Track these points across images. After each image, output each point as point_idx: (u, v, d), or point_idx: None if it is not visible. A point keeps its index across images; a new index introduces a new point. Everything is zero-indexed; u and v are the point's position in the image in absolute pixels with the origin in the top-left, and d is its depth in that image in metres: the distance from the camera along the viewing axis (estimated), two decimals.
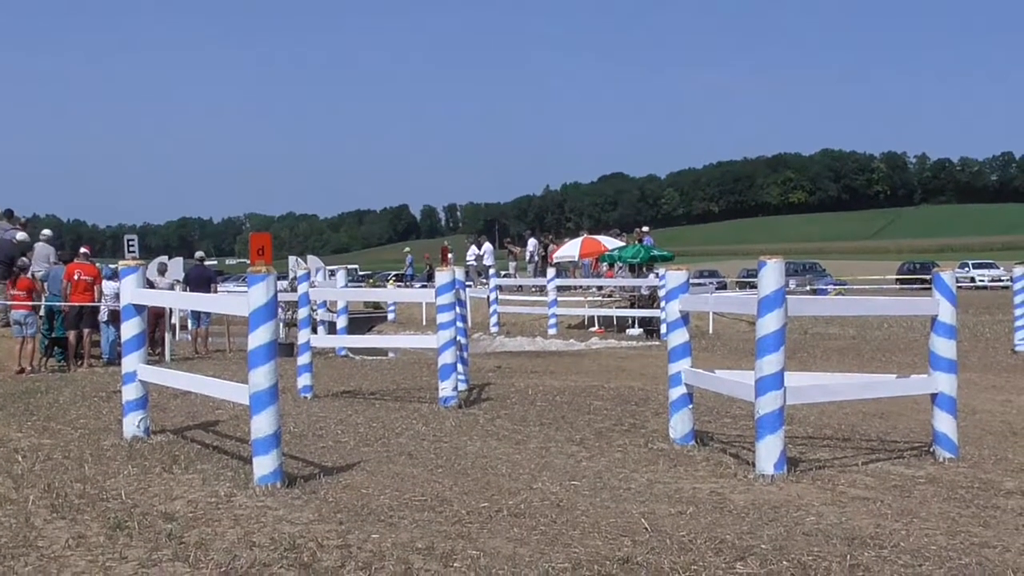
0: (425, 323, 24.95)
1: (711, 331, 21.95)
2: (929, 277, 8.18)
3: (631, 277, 27.01)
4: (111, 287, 15.99)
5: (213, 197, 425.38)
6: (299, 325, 12.50)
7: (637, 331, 23.13)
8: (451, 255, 38.39)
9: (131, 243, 28.24)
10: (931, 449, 7.43)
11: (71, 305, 16.24)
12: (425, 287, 29.68)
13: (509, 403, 10.68)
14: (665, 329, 10.60)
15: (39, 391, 12.31)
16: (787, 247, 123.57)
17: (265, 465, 6.50)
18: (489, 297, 24.91)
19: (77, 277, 16.42)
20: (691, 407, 8.07)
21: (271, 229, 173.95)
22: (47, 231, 19.80)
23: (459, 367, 11.27)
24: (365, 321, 26.93)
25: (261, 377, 6.56)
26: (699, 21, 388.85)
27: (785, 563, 4.66)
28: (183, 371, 9.99)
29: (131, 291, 8.46)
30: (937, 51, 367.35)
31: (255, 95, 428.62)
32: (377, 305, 29.22)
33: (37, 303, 16.18)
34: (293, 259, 29.79)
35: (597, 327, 24.45)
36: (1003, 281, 41.94)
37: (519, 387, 12.11)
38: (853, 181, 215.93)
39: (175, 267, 23.40)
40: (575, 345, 21.07)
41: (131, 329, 8.47)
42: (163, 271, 20.79)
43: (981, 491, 6.22)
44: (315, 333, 15.00)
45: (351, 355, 17.84)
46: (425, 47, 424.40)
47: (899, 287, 45.88)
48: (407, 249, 55.17)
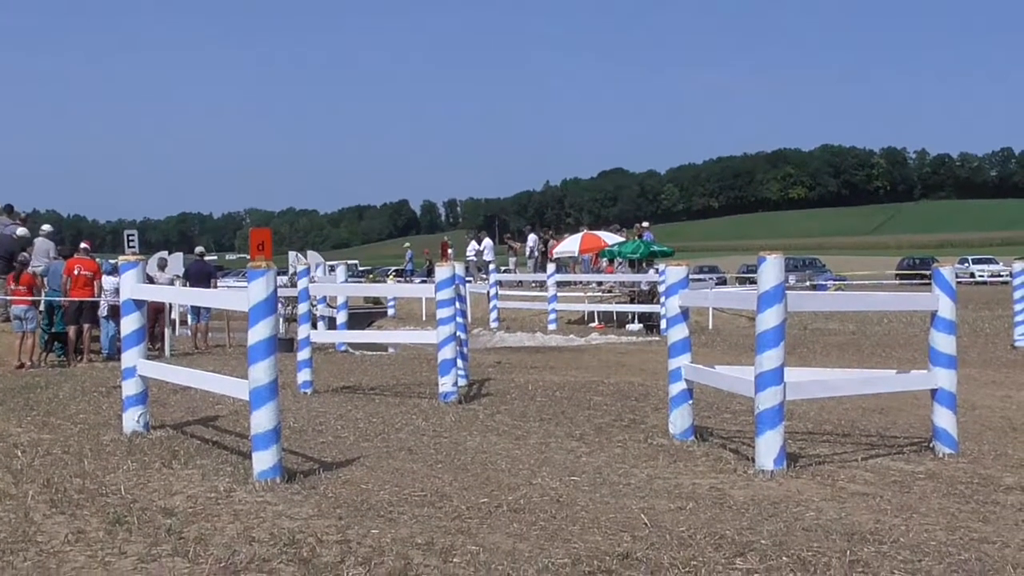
0: (425, 318, 24.97)
1: (711, 327, 21.95)
2: (929, 272, 8.17)
3: (631, 273, 26.99)
4: (111, 282, 15.99)
5: (213, 192, 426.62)
6: (299, 320, 12.50)
7: (637, 327, 23.14)
8: (451, 250, 38.41)
9: (131, 238, 28.25)
10: (931, 445, 7.43)
11: (71, 300, 16.25)
12: (425, 282, 29.67)
13: (509, 398, 10.68)
14: (665, 325, 10.60)
15: (39, 386, 12.31)
16: (787, 243, 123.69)
17: (265, 460, 6.50)
18: (489, 292, 24.90)
19: (77, 272, 16.41)
20: (691, 403, 8.07)
21: (271, 224, 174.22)
22: (47, 226, 19.82)
23: (459, 362, 11.27)
24: (365, 316, 26.94)
25: (261, 372, 6.55)
26: (699, 17, 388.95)
27: (785, 558, 4.66)
28: (183, 366, 10.00)
29: (131, 286, 8.45)
30: (937, 47, 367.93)
31: (255, 91, 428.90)
32: (377, 300, 29.24)
33: (37, 298, 16.19)
34: (293, 254, 29.83)
35: (597, 323, 24.47)
36: (1003, 276, 42.00)
37: (519, 382, 12.10)
38: (853, 177, 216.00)
39: (175, 262, 23.42)
40: (575, 341, 21.08)
41: (131, 324, 8.47)
42: (163, 266, 20.81)
43: (981, 487, 6.22)
44: (315, 328, 14.99)
45: (351, 350, 17.86)
46: (425, 43, 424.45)
47: (899, 283, 45.89)
48: (407, 244, 55.18)
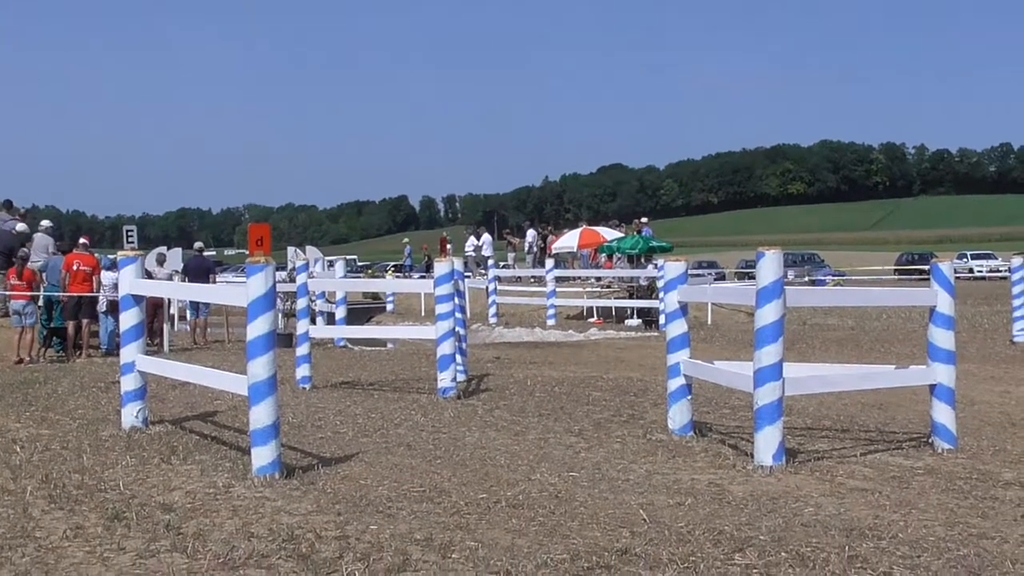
0: (424, 314, 24.96)
1: (710, 322, 21.96)
2: (927, 268, 8.17)
3: (630, 268, 27.01)
4: (110, 277, 15.97)
5: (212, 188, 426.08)
6: (298, 316, 12.51)
7: (636, 322, 23.13)
8: (450, 246, 38.39)
9: (130, 234, 28.24)
10: (930, 440, 7.43)
11: (70, 296, 16.24)
12: (424, 278, 29.65)
13: (508, 394, 10.68)
14: (664, 320, 10.62)
15: (38, 381, 12.31)
16: (786, 238, 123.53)
17: (263, 456, 6.50)
18: (488, 288, 24.90)
19: (76, 267, 16.40)
20: (690, 398, 8.07)
21: (270, 220, 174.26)
22: (46, 222, 19.80)
23: (458, 358, 11.28)
24: (364, 312, 26.93)
25: (260, 368, 6.55)
26: (698, 13, 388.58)
27: (783, 554, 4.66)
28: (182, 361, 10.00)
29: (130, 281, 8.45)
30: (935, 43, 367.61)
31: (254, 87, 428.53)
32: (376, 296, 29.22)
33: (36, 293, 16.18)
34: (292, 250, 29.81)
35: (596, 318, 24.46)
36: (1001, 272, 41.98)
37: (518, 378, 12.10)
38: (852, 172, 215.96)
39: (174, 257, 23.38)
40: (574, 336, 21.06)
41: (130, 319, 8.47)
42: (162, 261, 20.78)
43: (979, 482, 6.23)
44: (314, 324, 14.99)
45: (350, 346, 17.85)
46: (424, 39, 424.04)
47: (897, 278, 45.89)
48: (406, 240, 55.07)
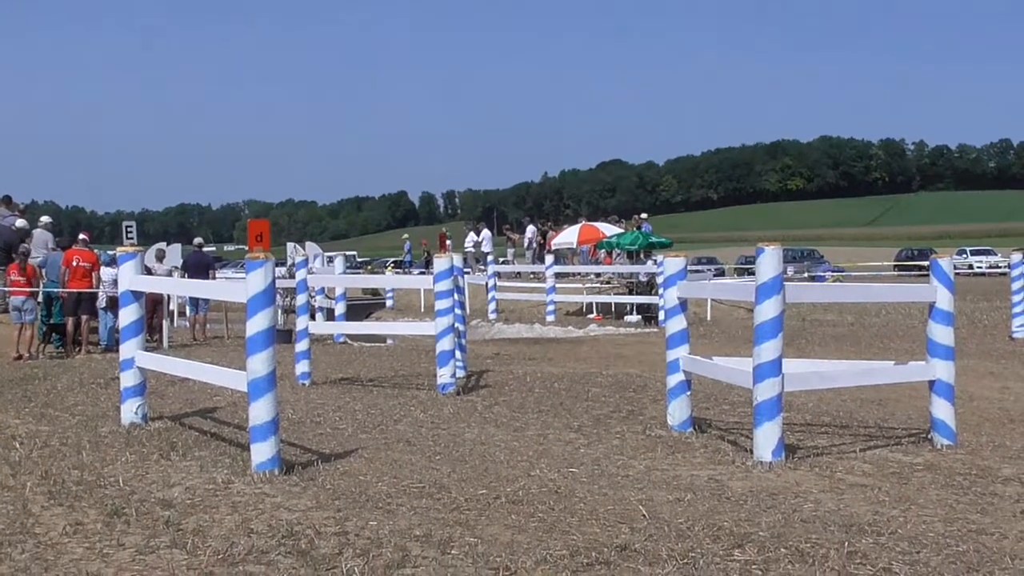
0: (423, 310, 24.95)
1: (709, 318, 21.95)
2: (927, 264, 8.17)
3: (629, 264, 27.00)
4: (109, 273, 15.95)
5: (212, 183, 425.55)
6: (297, 312, 12.49)
7: (635, 318, 23.14)
8: (449, 242, 38.40)
9: (129, 229, 28.19)
10: (929, 436, 7.43)
11: (69, 292, 16.23)
12: (423, 274, 29.66)
13: (507, 390, 10.68)
14: (663, 316, 10.62)
15: (37, 377, 12.30)
16: (785, 234, 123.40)
17: (263, 452, 6.50)
18: (487, 284, 24.90)
19: (75, 263, 16.39)
20: (689, 394, 8.07)
21: (270, 216, 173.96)
22: (46, 217, 19.79)
23: (457, 354, 11.27)
24: (363, 308, 26.91)
25: (259, 364, 6.55)
26: (697, 8, 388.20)
27: (783, 550, 4.66)
28: (181, 358, 9.98)
29: (129, 277, 8.44)
30: (935, 38, 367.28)
31: (253, 82, 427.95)
32: (375, 292, 29.22)
33: (35, 289, 16.17)
34: (291, 245, 29.79)
35: (595, 314, 24.47)
36: (1001, 268, 41.97)
37: (517, 374, 12.10)
38: (851, 168, 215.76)
39: (173, 253, 23.37)
40: (573, 332, 21.07)
41: (129, 315, 8.46)
42: (161, 257, 20.75)
43: (979, 478, 6.23)
44: (313, 320, 14.98)
45: (349, 342, 17.84)
46: (424, 35, 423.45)
47: (897, 274, 45.90)
48: (405, 236, 55.06)
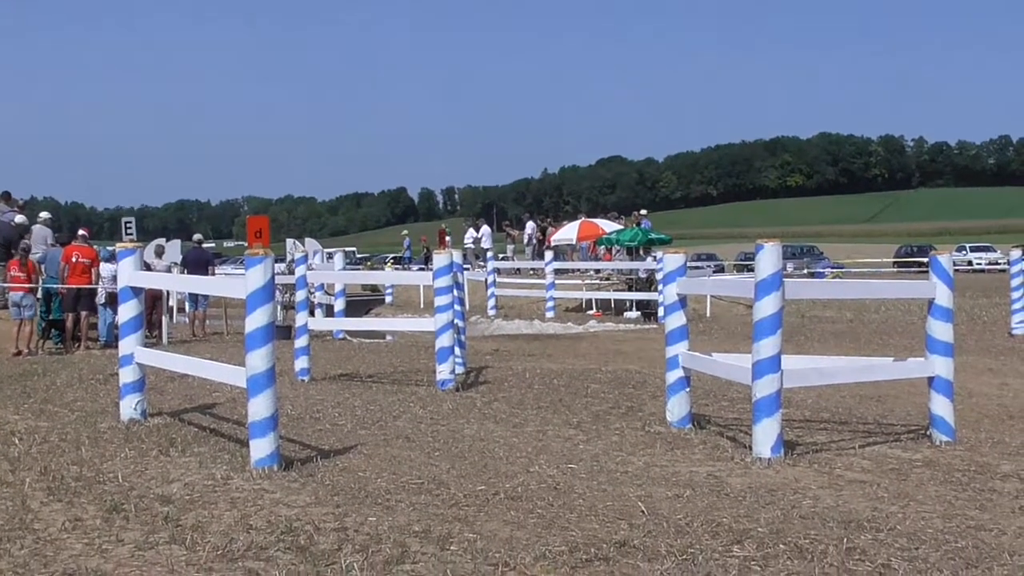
0: (423, 306, 24.96)
1: (708, 314, 21.95)
2: (926, 260, 8.17)
3: (629, 260, 26.99)
4: (109, 269, 15.95)
5: (211, 179, 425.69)
6: (297, 308, 12.50)
7: (635, 314, 23.14)
8: (449, 238, 38.40)
9: (129, 225, 28.22)
10: (928, 432, 7.43)
11: (69, 287, 16.23)
12: (423, 270, 29.67)
13: (506, 386, 10.68)
14: (662, 312, 10.62)
15: (36, 373, 12.29)
16: (784, 230, 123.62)
17: (262, 448, 6.49)
18: (487, 280, 24.90)
19: (75, 259, 16.39)
20: (688, 390, 8.07)
21: (269, 212, 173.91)
22: (45, 213, 19.80)
23: (456, 350, 11.27)
24: (363, 304, 26.91)
25: (258, 360, 6.54)
26: (696, 5, 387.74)
27: (782, 546, 4.66)
28: (180, 354, 9.99)
29: (128, 273, 8.43)
30: (934, 34, 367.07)
31: (253, 78, 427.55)
32: (375, 288, 29.21)
33: (35, 285, 16.17)
34: (291, 242, 29.83)
35: (595, 310, 24.47)
36: (1000, 264, 42.00)
37: (516, 370, 12.10)
38: (851, 164, 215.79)
39: (173, 249, 23.40)
40: (572, 328, 21.07)
41: (128, 311, 8.46)
42: (161, 253, 20.76)
43: (978, 474, 6.23)
44: (312, 316, 14.97)
45: (348, 338, 17.85)
46: (424, 32, 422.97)
47: (896, 270, 45.90)
48: (405, 232, 55.11)
